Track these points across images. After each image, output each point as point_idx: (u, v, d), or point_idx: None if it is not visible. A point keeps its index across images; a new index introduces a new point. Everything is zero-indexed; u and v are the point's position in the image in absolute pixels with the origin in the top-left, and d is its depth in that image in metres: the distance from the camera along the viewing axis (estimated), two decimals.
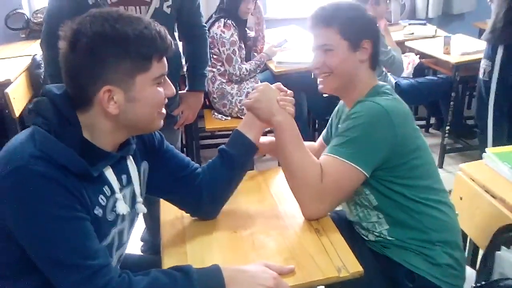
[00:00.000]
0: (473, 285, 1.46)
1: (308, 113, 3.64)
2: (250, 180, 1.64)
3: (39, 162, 1.03)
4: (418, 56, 3.64)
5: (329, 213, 1.46)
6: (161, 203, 1.52)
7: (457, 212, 1.56)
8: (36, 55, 3.21)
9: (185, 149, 3.58)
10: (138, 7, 2.01)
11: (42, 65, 3.14)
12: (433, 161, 1.55)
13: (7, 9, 3.85)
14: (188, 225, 1.45)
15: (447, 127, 3.54)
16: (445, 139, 3.56)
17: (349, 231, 1.61)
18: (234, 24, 3.13)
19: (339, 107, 1.74)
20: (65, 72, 1.12)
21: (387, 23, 3.38)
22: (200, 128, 3.36)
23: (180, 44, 2.35)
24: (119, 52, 1.08)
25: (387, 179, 1.45)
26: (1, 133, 3.61)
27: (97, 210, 1.13)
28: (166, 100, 1.20)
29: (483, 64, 3.01)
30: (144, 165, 1.34)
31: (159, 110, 1.19)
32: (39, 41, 2.10)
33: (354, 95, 1.53)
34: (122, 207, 1.20)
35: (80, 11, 1.82)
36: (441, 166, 3.55)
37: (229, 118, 3.27)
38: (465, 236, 1.68)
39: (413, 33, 3.98)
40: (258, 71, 3.32)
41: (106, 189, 1.17)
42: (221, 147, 1.44)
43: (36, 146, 1.05)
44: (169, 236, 1.40)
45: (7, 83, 2.83)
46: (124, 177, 1.24)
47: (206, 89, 2.59)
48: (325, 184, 1.40)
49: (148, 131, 1.27)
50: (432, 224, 1.47)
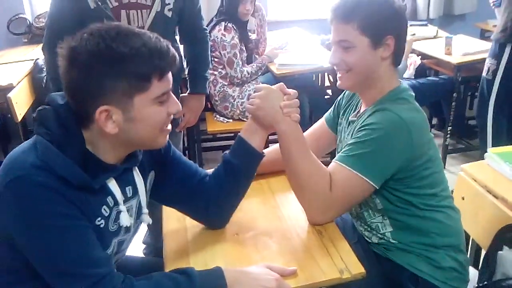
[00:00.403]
0: (476, 285, 1.46)
1: (310, 115, 3.65)
2: (252, 182, 1.63)
3: (39, 172, 1.03)
4: (420, 57, 3.64)
5: None
6: (163, 206, 1.52)
7: None
8: (38, 59, 3.23)
9: (187, 151, 3.58)
10: (139, 10, 2.01)
11: (44, 70, 3.15)
12: (441, 168, 1.51)
13: (9, 14, 3.87)
14: (190, 227, 1.45)
15: (449, 128, 3.53)
16: (447, 139, 3.56)
17: (352, 234, 1.60)
18: (234, 27, 3.14)
19: (349, 93, 1.67)
20: (65, 88, 1.10)
21: None
22: (202, 130, 3.38)
23: (181, 47, 2.35)
24: (115, 73, 1.04)
25: (394, 187, 1.42)
26: (4, 137, 3.63)
27: (99, 221, 1.13)
28: (172, 117, 1.16)
29: (488, 63, 3.03)
30: (151, 174, 1.33)
31: (161, 127, 1.15)
32: (41, 45, 2.11)
33: (373, 93, 1.47)
34: (126, 220, 1.20)
35: (81, 16, 1.87)
36: (443, 167, 3.55)
37: (230, 120, 3.28)
38: (467, 236, 1.68)
39: (414, 34, 3.98)
40: (260, 73, 3.33)
41: (109, 199, 1.16)
42: (225, 155, 1.39)
43: (38, 156, 1.05)
44: (171, 238, 1.41)
45: (10, 88, 2.84)
46: (129, 188, 1.23)
47: (208, 92, 2.60)
48: (333, 193, 1.37)
49: (151, 148, 1.23)
50: (437, 229, 1.46)
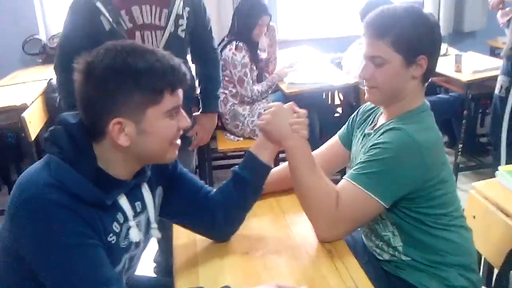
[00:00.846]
0: None
1: (320, 133, 3.65)
2: (262, 200, 1.63)
3: (53, 190, 1.05)
4: None
5: None
6: (174, 225, 1.53)
7: None
8: (52, 79, 3.28)
9: (197, 169, 3.60)
10: (153, 31, 2.05)
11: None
12: (454, 189, 1.49)
13: (24, 35, 3.96)
14: (200, 246, 1.45)
15: (460, 145, 3.51)
16: (458, 157, 3.54)
17: (362, 253, 1.59)
18: (245, 47, 3.17)
19: (364, 109, 1.66)
20: (80, 103, 1.13)
21: None
22: (212, 149, 3.39)
23: (192, 66, 2.39)
24: (130, 85, 1.08)
25: (405, 206, 1.41)
26: (18, 156, 3.67)
27: (110, 237, 1.14)
28: (181, 132, 1.19)
29: (500, 80, 3.02)
30: (159, 190, 1.34)
31: (171, 141, 1.18)
32: None
33: (395, 108, 1.46)
34: (135, 235, 1.21)
35: (95, 37, 1.91)
36: (456, 187, 3.52)
37: (241, 139, 3.29)
38: (479, 255, 1.66)
39: None
40: (270, 92, 3.35)
41: (119, 216, 1.18)
42: (234, 168, 1.43)
43: (51, 174, 1.07)
44: (181, 257, 1.41)
45: (24, 108, 2.89)
46: (138, 204, 1.24)
47: (220, 110, 2.62)
48: (340, 211, 1.37)
49: (161, 162, 1.25)
50: (448, 248, 1.44)
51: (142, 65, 1.08)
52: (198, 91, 2.45)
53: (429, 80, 1.49)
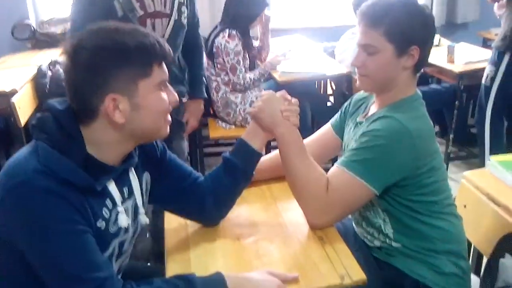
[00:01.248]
0: None
1: (312, 122, 3.65)
2: (254, 187, 1.63)
3: (42, 176, 1.04)
4: None
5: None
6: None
7: None
8: (41, 65, 3.23)
9: (189, 157, 3.59)
10: (161, 19, 2.09)
11: (48, 75, 3.17)
12: (445, 177, 1.51)
13: (13, 19, 3.89)
14: (192, 232, 1.45)
15: (451, 136, 3.54)
16: (449, 147, 3.56)
17: (354, 241, 1.60)
18: (238, 34, 3.15)
19: (357, 98, 1.67)
20: (68, 86, 1.13)
21: None
22: (204, 136, 3.38)
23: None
24: (120, 61, 1.09)
25: (395, 193, 1.42)
26: (7, 142, 3.64)
27: (100, 222, 1.14)
28: (171, 108, 1.21)
29: (487, 70, 3.10)
30: (146, 176, 1.34)
31: (165, 117, 1.19)
32: (45, 51, 2.13)
33: (387, 97, 1.47)
34: (124, 220, 1.21)
35: None
36: (447, 176, 3.55)
37: (233, 126, 3.29)
38: (469, 243, 1.68)
39: None
40: (262, 80, 3.34)
41: (108, 202, 1.18)
42: (224, 154, 1.44)
43: (40, 161, 1.06)
44: (172, 243, 1.41)
45: (13, 93, 2.85)
46: (126, 189, 1.24)
47: (206, 96, 2.71)
48: (331, 197, 1.38)
49: (155, 138, 1.27)
50: (439, 235, 1.45)
51: (130, 41, 1.10)
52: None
53: (421, 71, 1.50)
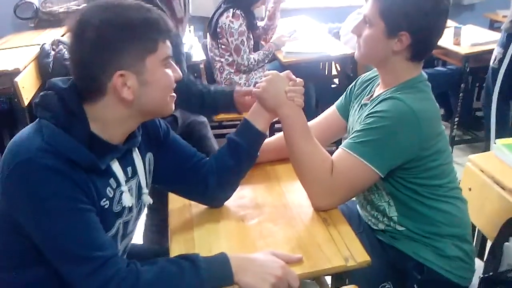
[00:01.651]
0: (481, 276, 1.45)
1: (316, 104, 3.63)
2: (258, 169, 1.63)
3: (46, 155, 1.04)
4: None
5: None
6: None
7: None
8: (45, 44, 3.22)
9: None
10: None
11: (51, 55, 3.15)
12: (450, 160, 1.49)
13: None
14: (195, 213, 1.45)
15: (456, 119, 3.52)
16: (454, 130, 3.55)
17: (358, 224, 1.61)
18: (243, 14, 3.12)
19: (362, 79, 1.66)
20: (74, 64, 1.12)
21: None
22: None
23: None
24: (127, 36, 1.08)
25: (400, 176, 1.41)
26: (10, 122, 3.64)
27: (104, 201, 1.14)
28: (174, 84, 1.21)
29: (495, 52, 3.05)
30: (149, 156, 1.34)
31: (170, 92, 1.20)
32: (47, 30, 2.11)
33: (389, 78, 1.46)
34: (128, 199, 1.21)
35: None
36: (452, 159, 3.54)
37: None
38: (473, 227, 1.67)
39: None
40: (267, 61, 3.31)
41: (112, 181, 1.18)
42: (229, 135, 1.43)
43: (44, 139, 1.06)
44: (176, 223, 1.41)
45: (16, 72, 2.85)
46: (129, 169, 1.24)
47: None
48: (335, 179, 1.37)
49: (161, 115, 1.27)
50: (443, 218, 1.45)
51: (135, 16, 1.10)
52: None
53: (422, 59, 1.45)
